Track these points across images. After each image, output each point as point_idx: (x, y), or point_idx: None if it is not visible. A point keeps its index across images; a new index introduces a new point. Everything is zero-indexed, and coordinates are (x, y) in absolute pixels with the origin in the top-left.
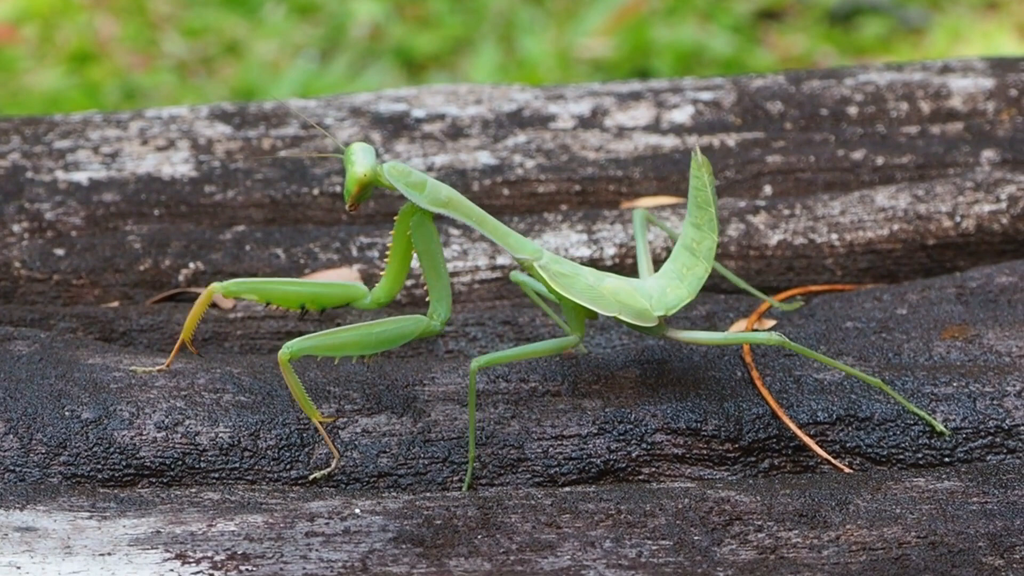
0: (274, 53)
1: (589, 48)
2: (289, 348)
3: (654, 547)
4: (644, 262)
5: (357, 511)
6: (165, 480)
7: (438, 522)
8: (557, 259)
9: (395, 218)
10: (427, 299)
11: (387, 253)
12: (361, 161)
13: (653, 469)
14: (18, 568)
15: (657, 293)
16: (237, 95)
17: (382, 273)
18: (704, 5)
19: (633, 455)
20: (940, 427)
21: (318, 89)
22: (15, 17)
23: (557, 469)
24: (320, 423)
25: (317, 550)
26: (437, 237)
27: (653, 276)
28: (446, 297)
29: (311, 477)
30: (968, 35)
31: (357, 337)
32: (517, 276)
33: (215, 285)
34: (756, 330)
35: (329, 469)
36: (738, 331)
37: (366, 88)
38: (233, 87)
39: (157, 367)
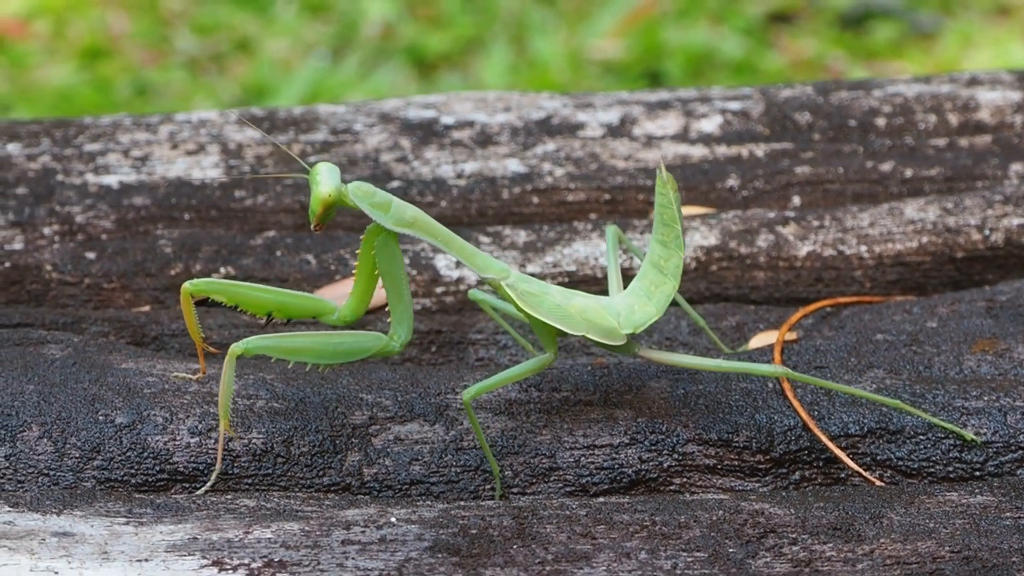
0: (285, 51)
1: (600, 49)
2: (244, 344)
3: (689, 559)
4: (614, 278)
5: (392, 519)
6: (198, 486)
7: (473, 531)
8: (524, 278)
9: (361, 237)
10: (388, 320)
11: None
12: (326, 181)
13: (684, 480)
14: (56, 573)
15: (625, 311)
16: (248, 92)
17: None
18: (716, 7)
19: (664, 465)
20: (970, 436)
21: (329, 88)
22: (27, 12)
23: (589, 479)
24: (225, 432)
25: (353, 558)
26: (400, 258)
27: (621, 294)
28: (407, 319)
29: (199, 492)
30: (979, 40)
31: (314, 345)
32: (475, 294)
33: (186, 284)
34: (781, 354)
35: (210, 483)
36: (740, 361)
37: (376, 87)
38: (244, 84)
39: (195, 375)
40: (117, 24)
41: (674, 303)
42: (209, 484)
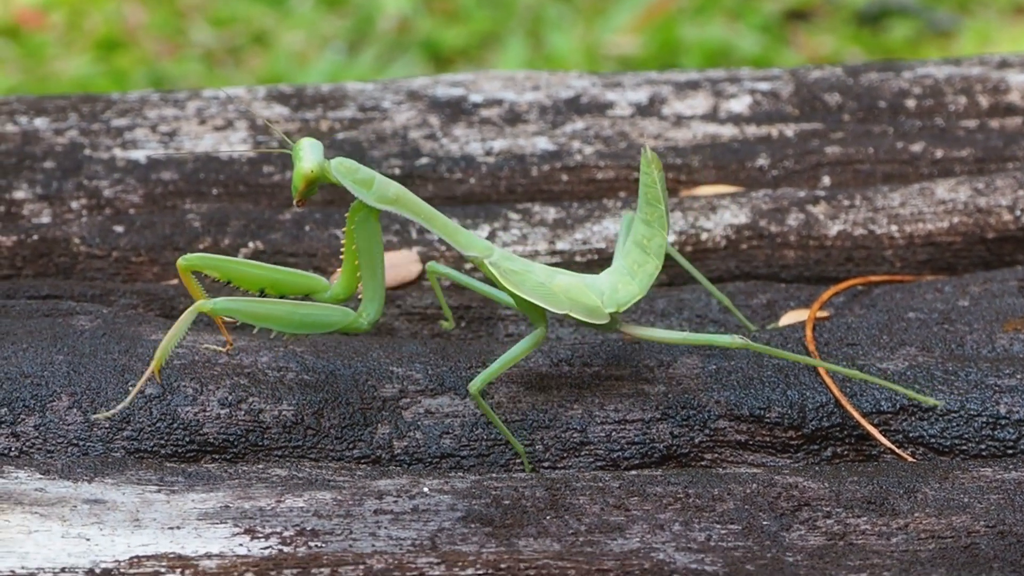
0: (301, 44)
1: (617, 45)
2: (212, 303)
3: (723, 531)
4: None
5: (425, 490)
6: (228, 457)
7: (506, 502)
8: (508, 256)
9: (347, 214)
10: (359, 296)
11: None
12: (308, 157)
13: (715, 455)
14: (87, 540)
15: (608, 290)
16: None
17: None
18: (732, 4)
19: (696, 441)
20: (932, 400)
21: (345, 81)
22: (43, 3)
23: (620, 453)
24: (154, 373)
25: (386, 527)
26: (379, 236)
27: (605, 272)
28: (379, 298)
29: (92, 418)
30: (997, 39)
31: (281, 313)
32: (433, 267)
33: (180, 260)
34: (813, 331)
35: (110, 412)
36: (701, 332)
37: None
38: (260, 77)
39: (224, 347)
40: (133, 16)
41: (695, 283)
42: (113, 411)
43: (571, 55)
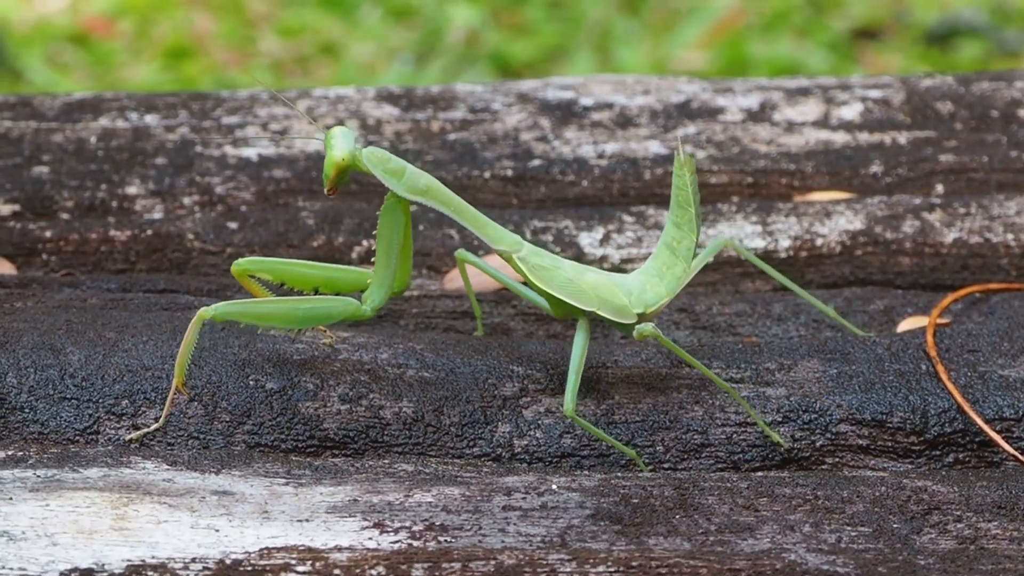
0: (369, 55)
1: (685, 61)
2: (214, 309)
3: (853, 533)
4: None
5: (554, 487)
6: (348, 453)
7: (635, 501)
8: (537, 251)
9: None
10: (368, 281)
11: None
12: (340, 145)
13: (837, 459)
14: (217, 531)
15: (637, 290)
16: None
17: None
18: (801, 22)
19: (817, 444)
20: (777, 438)
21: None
22: (112, 11)
23: (741, 456)
24: (178, 388)
25: (515, 524)
26: (404, 227)
27: (634, 272)
28: (386, 286)
29: (127, 438)
30: None
31: (283, 311)
32: (461, 254)
33: (234, 266)
34: (934, 337)
35: (147, 430)
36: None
37: None
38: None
39: (327, 340)
40: (202, 25)
41: (813, 288)
42: (149, 429)
43: (639, 70)
